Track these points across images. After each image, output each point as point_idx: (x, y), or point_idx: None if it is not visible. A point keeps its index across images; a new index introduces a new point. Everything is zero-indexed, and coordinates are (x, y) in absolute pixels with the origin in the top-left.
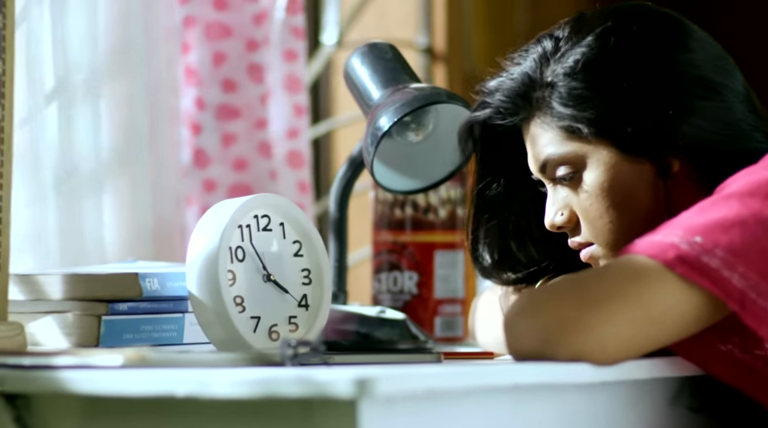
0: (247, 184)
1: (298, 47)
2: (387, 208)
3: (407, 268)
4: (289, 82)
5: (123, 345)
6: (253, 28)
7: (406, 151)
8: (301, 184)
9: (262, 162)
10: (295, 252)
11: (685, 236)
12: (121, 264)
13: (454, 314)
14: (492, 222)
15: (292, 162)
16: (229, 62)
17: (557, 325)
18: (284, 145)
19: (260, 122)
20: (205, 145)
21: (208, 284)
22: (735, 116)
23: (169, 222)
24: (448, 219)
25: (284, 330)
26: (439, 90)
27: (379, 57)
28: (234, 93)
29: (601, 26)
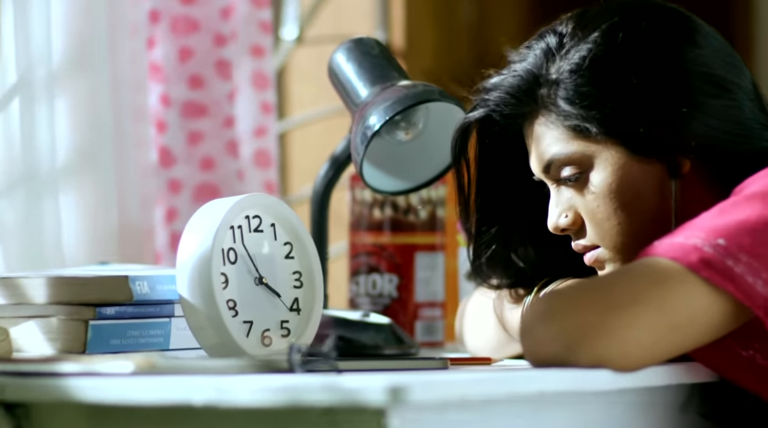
0: (214, 185)
1: (265, 42)
2: (366, 209)
3: (387, 271)
4: (256, 78)
5: (110, 351)
6: (221, 22)
7: (394, 150)
8: (267, 184)
9: (230, 161)
10: (286, 255)
11: (707, 238)
12: (93, 266)
13: (435, 318)
14: (490, 225)
15: (259, 161)
16: (196, 58)
17: (579, 331)
18: (251, 144)
19: (228, 120)
20: (170, 144)
21: (201, 287)
22: (745, 115)
23: (135, 224)
24: (428, 221)
25: (276, 335)
26: (432, 87)
27: (365, 53)
28: (201, 90)
29: (607, 22)
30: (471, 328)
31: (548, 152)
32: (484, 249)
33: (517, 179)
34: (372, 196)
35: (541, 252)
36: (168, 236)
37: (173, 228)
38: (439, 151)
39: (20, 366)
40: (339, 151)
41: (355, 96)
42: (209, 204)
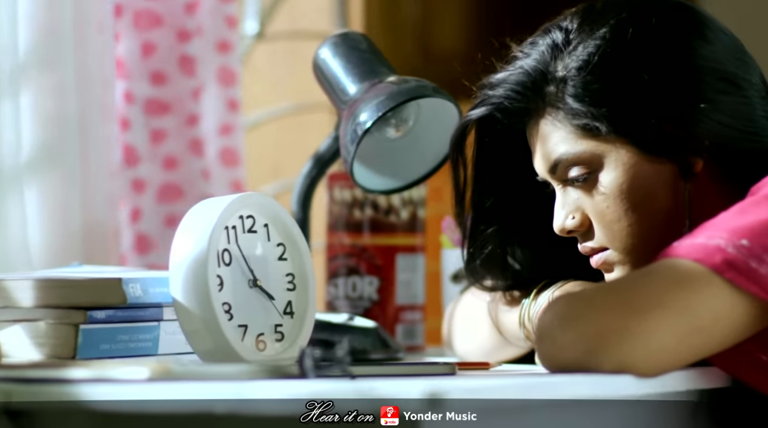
0: (178, 184)
1: (231, 37)
2: (345, 209)
3: (367, 273)
4: (222, 74)
5: (100, 356)
6: (185, 17)
7: (383, 147)
8: (235, 183)
9: (194, 160)
10: (279, 256)
11: (730, 239)
12: (67, 268)
13: (415, 321)
14: (487, 225)
15: (225, 160)
16: (159, 53)
17: (601, 335)
18: (217, 142)
19: (192, 118)
20: (134, 142)
21: (196, 290)
22: (756, 112)
23: (102, 224)
24: (409, 221)
25: (270, 339)
26: (424, 83)
27: (353, 47)
28: (164, 86)
29: (615, 18)
30: (462, 332)
31: (555, 152)
32: (480, 249)
33: (517, 179)
34: (352, 195)
35: (539, 254)
36: (132, 237)
37: (137, 229)
38: (430, 148)
39: (27, 372)
40: (323, 149)
41: (342, 93)
42: (202, 203)
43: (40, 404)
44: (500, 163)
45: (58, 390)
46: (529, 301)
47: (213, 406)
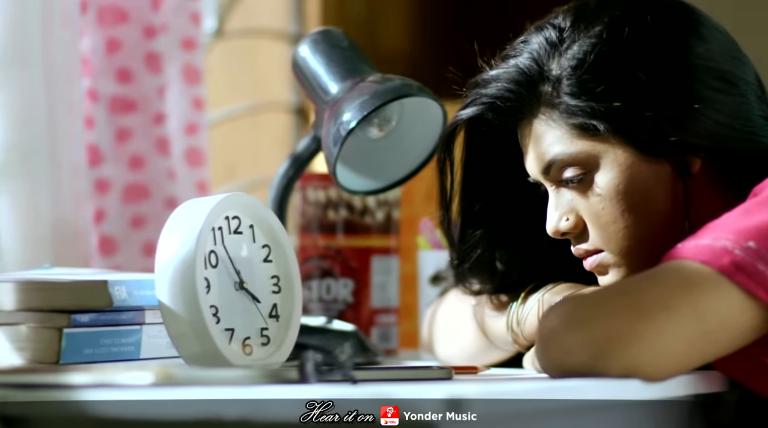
0: (144, 184)
1: (196, 34)
2: (319, 210)
3: (341, 275)
4: (187, 72)
5: (83, 361)
6: (151, 13)
7: (365, 147)
8: (200, 184)
9: (160, 160)
10: (264, 258)
11: (737, 240)
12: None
13: (389, 324)
14: (475, 228)
15: (190, 160)
16: (125, 50)
17: (609, 338)
18: (182, 142)
19: (158, 116)
20: (98, 141)
21: (183, 293)
22: (753, 111)
23: (69, 224)
24: (384, 223)
25: (257, 343)
26: (409, 82)
27: (334, 45)
28: (129, 84)
29: (610, 15)
30: (444, 335)
31: (550, 152)
32: (469, 253)
33: (507, 180)
34: (326, 196)
35: (529, 256)
36: (97, 238)
37: (101, 231)
38: (413, 147)
39: (24, 377)
40: (300, 150)
41: (323, 92)
42: (188, 204)
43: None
44: (490, 164)
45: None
46: (517, 305)
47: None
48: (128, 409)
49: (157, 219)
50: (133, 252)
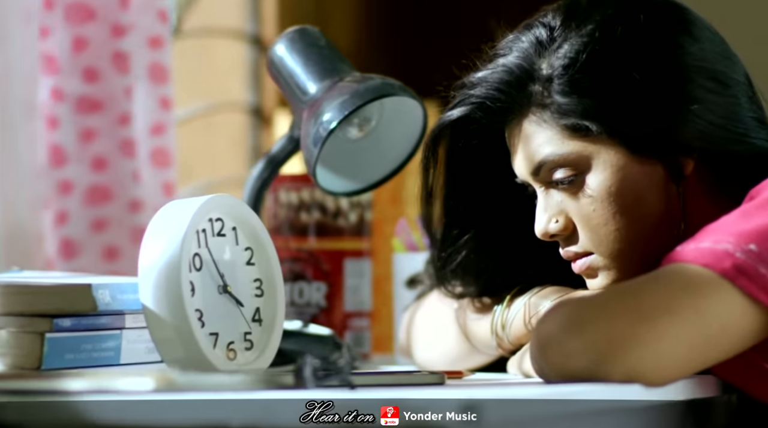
0: (107, 186)
1: (163, 33)
2: (291, 212)
3: (314, 278)
4: (154, 71)
5: (65, 366)
6: (119, 11)
7: (344, 148)
8: (166, 185)
9: (125, 161)
10: (247, 261)
11: (738, 243)
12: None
13: (362, 328)
14: (461, 230)
15: (156, 161)
16: (92, 49)
17: (611, 343)
18: (148, 142)
19: (123, 117)
20: (61, 142)
21: (168, 296)
22: (744, 112)
23: (25, 228)
24: (356, 225)
25: (240, 347)
26: (390, 81)
27: (311, 44)
28: (96, 83)
29: (602, 14)
30: (424, 339)
31: (540, 153)
32: (453, 255)
33: (493, 181)
34: (299, 198)
35: (514, 259)
36: (58, 241)
37: (64, 233)
38: (393, 147)
39: (19, 384)
40: (275, 151)
41: (301, 91)
42: (172, 205)
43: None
44: (476, 166)
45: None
46: (502, 308)
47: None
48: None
49: (119, 222)
50: (95, 256)
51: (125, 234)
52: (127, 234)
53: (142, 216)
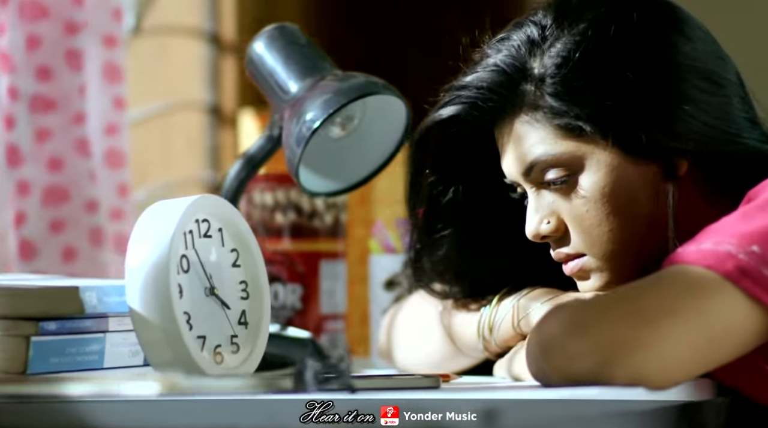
0: (63, 186)
1: (118, 31)
2: (266, 213)
3: (289, 281)
4: (108, 70)
5: (50, 371)
6: (73, 8)
7: (326, 147)
8: (120, 186)
9: (80, 161)
10: (232, 262)
11: (740, 244)
12: None
13: (337, 331)
14: (445, 232)
15: (110, 161)
16: (45, 47)
17: (614, 345)
18: (102, 142)
19: (78, 116)
20: (18, 141)
21: (157, 298)
22: (737, 112)
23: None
24: (331, 226)
25: (227, 350)
26: (374, 79)
27: (292, 42)
28: (50, 82)
29: (594, 13)
30: (407, 341)
31: (532, 153)
32: (434, 249)
33: (479, 181)
34: (274, 198)
35: (502, 260)
36: (17, 242)
37: (22, 234)
38: (375, 147)
39: (19, 388)
40: (253, 150)
41: (282, 90)
42: (158, 206)
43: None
44: (463, 166)
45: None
46: (489, 310)
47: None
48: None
49: (77, 223)
50: (53, 257)
51: (83, 235)
52: (84, 235)
53: (99, 217)
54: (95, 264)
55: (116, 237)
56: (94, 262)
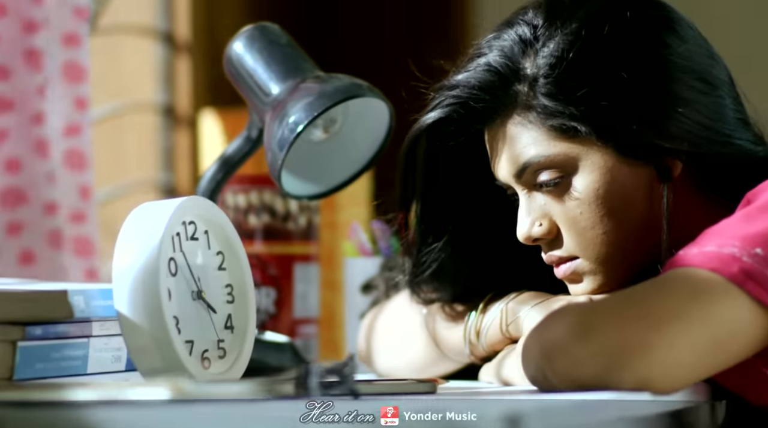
0: (21, 189)
1: (80, 30)
2: (239, 215)
3: (263, 284)
4: (70, 70)
5: (36, 377)
6: (32, 6)
7: (307, 150)
8: (82, 188)
9: (38, 162)
10: (218, 266)
11: (744, 247)
12: None
13: (310, 335)
14: (439, 238)
15: (71, 162)
16: (2, 46)
17: (621, 350)
18: (63, 143)
19: (37, 116)
20: None
21: (146, 303)
22: (730, 113)
23: None
24: (305, 229)
25: (214, 355)
26: (358, 81)
27: (272, 42)
28: (7, 81)
29: (587, 12)
30: (388, 346)
31: (525, 154)
32: (430, 263)
33: (469, 185)
34: (247, 200)
35: (490, 264)
36: None
37: None
38: (357, 149)
39: (25, 394)
40: (230, 152)
41: (263, 92)
42: (144, 208)
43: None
44: (452, 169)
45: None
46: (476, 314)
47: None
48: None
49: (35, 226)
50: (10, 261)
51: (41, 238)
52: (43, 238)
53: (58, 219)
54: (54, 268)
55: (77, 240)
56: (53, 266)
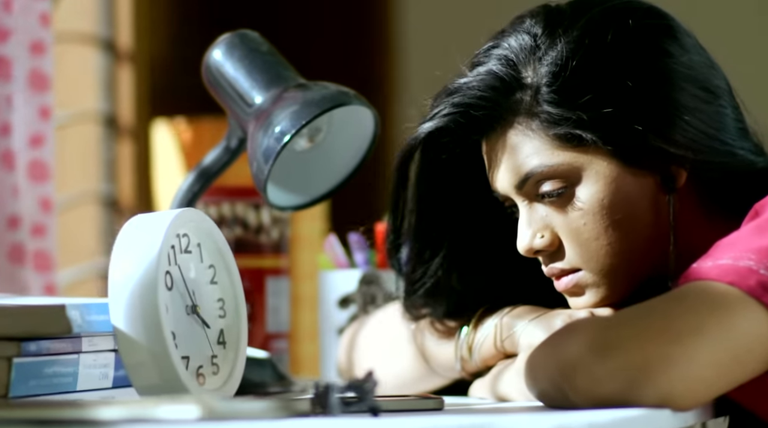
0: None
1: (45, 37)
2: None
3: None
4: (35, 78)
5: (30, 394)
6: (2, 14)
7: (291, 159)
8: (44, 201)
9: (4, 175)
10: (210, 279)
11: (760, 260)
12: None
13: (282, 350)
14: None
15: (34, 174)
16: None
17: (644, 366)
18: (27, 154)
19: (4, 127)
20: None
21: (144, 318)
22: (731, 122)
23: None
24: (276, 242)
25: (208, 371)
26: (344, 89)
27: (254, 50)
28: None
29: (588, 20)
30: (373, 360)
31: (527, 164)
32: (425, 280)
33: (465, 198)
34: (218, 213)
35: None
36: None
37: None
38: (341, 158)
39: (46, 413)
40: (209, 162)
41: (244, 102)
42: (139, 220)
43: None
44: (448, 182)
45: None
46: (468, 330)
47: None
48: None
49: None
50: None
51: (2, 253)
52: (4, 252)
53: (20, 233)
54: (15, 284)
55: (38, 255)
56: (14, 281)
